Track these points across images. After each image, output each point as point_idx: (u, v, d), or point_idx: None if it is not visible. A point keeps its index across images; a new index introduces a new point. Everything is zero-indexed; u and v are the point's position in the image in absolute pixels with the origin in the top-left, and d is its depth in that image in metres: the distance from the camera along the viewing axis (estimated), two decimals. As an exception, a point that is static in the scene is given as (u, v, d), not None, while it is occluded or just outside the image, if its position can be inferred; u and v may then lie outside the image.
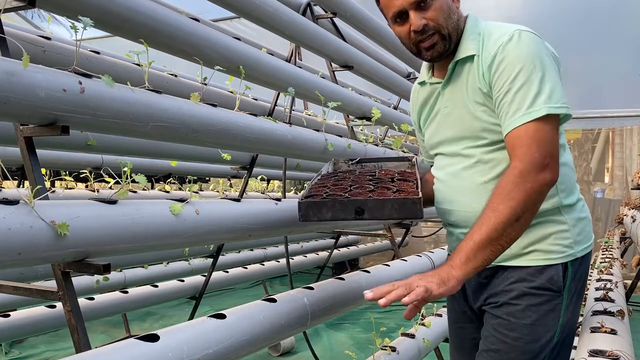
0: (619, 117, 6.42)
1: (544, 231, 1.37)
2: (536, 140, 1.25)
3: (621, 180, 7.41)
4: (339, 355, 4.05)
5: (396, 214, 1.36)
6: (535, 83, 1.26)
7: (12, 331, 2.73)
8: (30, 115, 1.36)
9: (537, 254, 1.37)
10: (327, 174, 1.89)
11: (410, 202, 1.36)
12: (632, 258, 4.83)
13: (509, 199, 1.22)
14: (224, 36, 2.35)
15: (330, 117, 3.65)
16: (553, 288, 1.35)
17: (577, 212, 1.42)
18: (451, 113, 1.45)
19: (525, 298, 1.36)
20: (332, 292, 2.06)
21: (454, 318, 1.65)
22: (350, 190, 1.52)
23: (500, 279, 1.41)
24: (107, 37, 5.54)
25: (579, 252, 1.40)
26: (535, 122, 1.25)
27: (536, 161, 1.24)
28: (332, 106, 2.73)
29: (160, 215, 1.49)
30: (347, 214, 1.39)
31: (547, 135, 1.26)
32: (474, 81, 1.37)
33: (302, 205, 1.44)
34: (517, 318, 1.36)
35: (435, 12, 1.35)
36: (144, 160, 3.91)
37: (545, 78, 1.27)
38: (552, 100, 1.25)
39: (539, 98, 1.25)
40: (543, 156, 1.24)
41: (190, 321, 1.50)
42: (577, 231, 1.40)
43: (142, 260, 3.74)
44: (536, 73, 1.27)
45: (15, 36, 1.77)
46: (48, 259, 1.25)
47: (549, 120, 1.26)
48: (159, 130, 1.72)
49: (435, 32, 1.37)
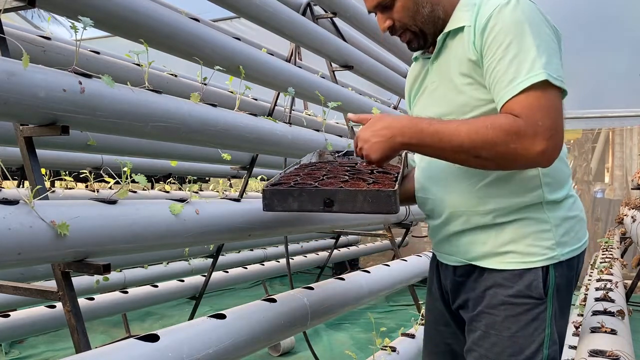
0: (619, 117, 6.42)
1: (522, 230, 1.24)
2: (539, 108, 1.10)
3: (621, 180, 7.42)
4: (339, 355, 4.05)
5: (368, 207, 1.26)
6: (532, 49, 1.12)
7: (12, 331, 2.73)
8: (30, 115, 1.36)
9: (513, 256, 1.24)
10: (306, 164, 1.78)
11: (384, 194, 1.25)
12: (632, 258, 4.83)
13: (487, 141, 1.10)
14: (224, 36, 2.35)
15: (330, 117, 3.65)
16: (533, 295, 1.22)
17: (564, 210, 1.27)
18: (437, 89, 1.34)
19: (502, 308, 1.24)
20: (332, 292, 2.06)
21: (433, 319, 1.53)
22: (321, 180, 1.41)
23: (475, 281, 1.30)
24: (107, 37, 5.53)
25: (563, 255, 1.24)
26: (536, 89, 1.11)
27: (539, 130, 1.08)
28: (332, 106, 2.73)
29: (160, 215, 1.49)
30: (314, 205, 1.30)
31: (552, 103, 1.11)
32: (463, 51, 1.24)
33: (266, 192, 1.34)
34: (497, 330, 1.25)
35: (398, 13, 1.29)
36: (144, 160, 3.91)
37: (543, 45, 1.14)
38: (551, 68, 1.12)
39: (537, 63, 1.11)
40: (547, 127, 1.09)
41: (190, 321, 1.50)
42: (562, 232, 1.25)
43: (142, 260, 3.74)
44: (532, 39, 1.13)
45: (15, 36, 1.77)
46: (48, 259, 1.25)
47: (551, 89, 1.11)
48: (159, 130, 1.72)
49: (404, 30, 1.32)
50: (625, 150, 7.44)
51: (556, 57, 1.15)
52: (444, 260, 1.40)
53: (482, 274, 1.28)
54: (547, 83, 1.11)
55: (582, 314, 2.75)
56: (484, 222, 1.26)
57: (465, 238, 1.30)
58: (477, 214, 1.27)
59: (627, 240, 5.96)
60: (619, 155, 7.46)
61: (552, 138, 1.09)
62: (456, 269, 1.35)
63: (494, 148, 1.10)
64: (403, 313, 5.36)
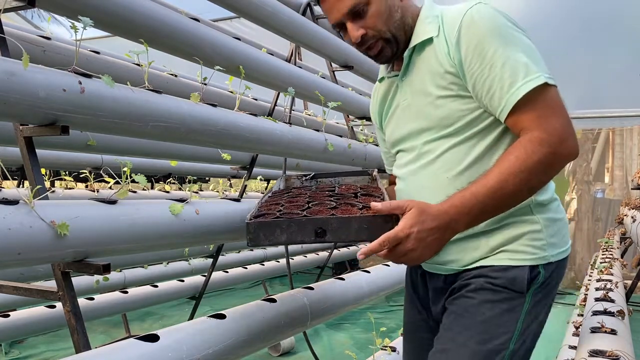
0: (619, 117, 6.41)
1: (515, 231, 1.23)
2: (551, 108, 1.12)
3: (621, 180, 7.41)
4: (339, 355, 4.05)
5: (365, 234, 1.17)
6: (520, 53, 1.13)
7: (12, 331, 2.73)
8: (30, 115, 1.36)
9: (504, 254, 1.23)
10: (278, 191, 1.70)
11: (381, 219, 1.16)
12: (632, 258, 4.83)
13: (531, 173, 1.11)
14: (224, 36, 2.35)
15: (330, 117, 3.65)
16: (514, 289, 1.21)
17: (552, 212, 1.27)
18: (411, 104, 1.30)
19: (481, 292, 1.22)
20: (332, 292, 2.06)
21: (411, 327, 1.49)
22: (308, 208, 1.33)
23: (464, 277, 1.28)
24: (107, 37, 5.54)
25: (553, 256, 1.24)
26: (536, 95, 1.11)
27: (558, 132, 1.11)
28: (332, 106, 2.73)
29: (160, 215, 1.49)
30: (305, 235, 1.20)
31: (557, 102, 1.13)
32: (438, 63, 1.22)
33: (250, 226, 1.23)
34: (470, 313, 1.22)
35: (372, 19, 1.24)
36: (144, 160, 3.91)
37: (527, 50, 1.15)
38: (544, 69, 1.13)
39: (530, 67, 1.12)
40: (563, 126, 1.11)
41: (190, 321, 1.50)
42: (551, 232, 1.25)
43: (142, 260, 3.74)
44: (516, 43, 1.14)
45: (15, 36, 1.77)
46: (48, 259, 1.25)
47: (549, 88, 1.13)
48: (159, 130, 1.72)
49: (378, 39, 1.26)
50: (625, 150, 7.44)
51: (539, 56, 1.16)
52: (433, 270, 1.35)
53: (470, 271, 1.27)
54: (546, 85, 1.12)
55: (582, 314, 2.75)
56: (474, 230, 1.22)
57: (455, 247, 1.26)
58: None
59: (627, 240, 5.96)
60: (619, 155, 7.45)
61: (571, 134, 1.12)
62: (447, 276, 1.31)
63: (546, 176, 1.14)
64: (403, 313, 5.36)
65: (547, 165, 1.11)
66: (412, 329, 1.49)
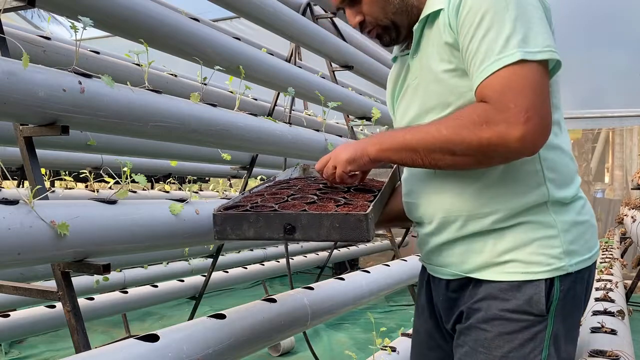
0: (619, 117, 6.42)
1: (525, 236, 1.08)
2: (511, 88, 0.97)
3: (621, 180, 7.42)
4: (339, 355, 4.05)
5: (336, 233, 1.09)
6: (507, 24, 0.99)
7: (12, 331, 2.73)
8: (30, 115, 1.36)
9: (514, 265, 1.08)
10: (283, 180, 1.60)
11: (353, 218, 1.07)
12: (632, 258, 4.83)
13: (457, 134, 1.00)
14: (224, 36, 2.35)
15: (330, 117, 3.65)
16: (532, 311, 1.06)
17: (574, 213, 1.11)
18: (420, 84, 1.19)
19: (496, 323, 1.08)
20: (332, 292, 2.06)
21: (419, 341, 1.37)
22: (285, 201, 1.24)
23: (470, 294, 1.14)
24: (107, 37, 5.54)
25: (572, 266, 1.07)
26: (507, 69, 0.97)
27: (510, 111, 0.95)
28: (332, 106, 2.73)
29: (160, 215, 1.49)
30: (273, 231, 1.12)
31: (528, 81, 0.97)
32: (439, 35, 1.12)
33: (217, 218, 1.16)
34: (486, 348, 1.09)
35: (368, 6, 1.19)
36: (144, 160, 3.91)
37: (521, 18, 0.99)
38: (529, 44, 0.98)
39: (510, 41, 0.98)
40: (523, 108, 0.95)
41: (190, 321, 1.50)
42: (571, 238, 1.08)
43: (142, 260, 3.74)
44: (509, 12, 1.00)
45: (15, 36, 1.77)
46: (48, 259, 1.25)
47: (528, 67, 0.97)
48: (159, 130, 1.72)
49: (375, 25, 1.21)
50: (625, 150, 7.44)
51: (539, 25, 1.01)
52: (435, 273, 1.24)
53: (477, 286, 1.13)
54: (523, 61, 0.97)
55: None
56: (481, 227, 1.11)
57: (458, 247, 1.15)
58: (474, 218, 1.11)
59: (627, 240, 5.96)
60: (619, 155, 7.46)
61: (531, 120, 0.95)
62: (449, 283, 1.19)
63: (465, 141, 0.99)
64: (403, 313, 5.36)
65: (479, 140, 0.98)
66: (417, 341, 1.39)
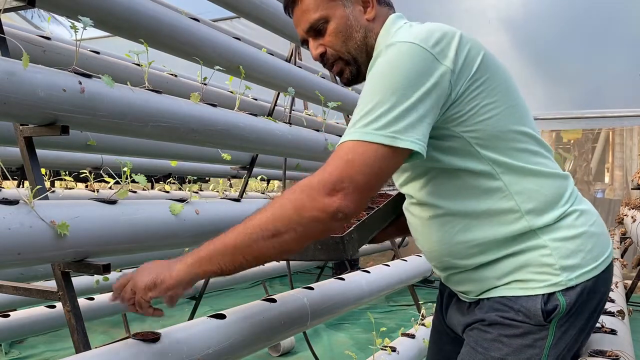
0: (619, 117, 6.42)
1: (519, 260, 1.11)
2: (338, 158, 0.98)
3: (621, 180, 7.42)
4: (339, 355, 4.05)
5: (321, 254, 1.14)
6: (370, 102, 1.00)
7: (12, 331, 2.73)
8: (30, 115, 1.36)
9: (514, 284, 1.12)
10: None
11: (332, 241, 1.12)
12: (632, 258, 4.83)
13: (278, 207, 1.00)
14: (224, 36, 2.35)
15: (330, 117, 3.65)
16: (530, 322, 1.09)
17: (564, 229, 1.11)
18: None
19: (497, 327, 1.12)
20: (332, 292, 2.06)
21: (435, 337, 1.46)
22: None
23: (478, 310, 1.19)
24: (107, 37, 5.53)
25: (573, 279, 1.09)
26: (350, 143, 0.99)
27: (325, 180, 0.97)
28: (332, 106, 2.73)
29: (160, 215, 1.49)
30: None
31: (359, 158, 0.97)
32: None
33: None
34: (484, 349, 1.12)
35: (330, 37, 1.19)
36: (144, 160, 3.91)
37: (387, 98, 0.98)
38: (376, 125, 0.97)
39: (362, 120, 0.99)
40: (337, 178, 0.96)
41: (190, 321, 1.50)
42: (566, 253, 1.10)
43: (142, 260, 3.72)
44: (378, 91, 1.00)
45: (15, 36, 1.77)
46: (48, 259, 1.25)
47: (367, 145, 0.98)
48: (159, 130, 1.72)
49: (337, 58, 1.21)
50: (625, 150, 7.44)
51: (400, 109, 0.98)
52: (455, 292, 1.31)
53: (484, 304, 1.18)
54: (354, 141, 0.99)
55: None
56: (479, 262, 1.15)
57: (465, 277, 1.20)
58: (465, 260, 1.16)
59: (627, 240, 5.96)
60: (619, 155, 7.46)
61: (339, 192, 0.96)
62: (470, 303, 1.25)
63: (288, 223, 0.98)
64: (403, 313, 5.36)
65: (291, 205, 0.99)
66: (435, 338, 1.47)
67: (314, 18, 1.19)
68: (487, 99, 1.07)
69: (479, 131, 1.08)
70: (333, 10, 1.18)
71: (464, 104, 1.06)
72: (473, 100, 1.06)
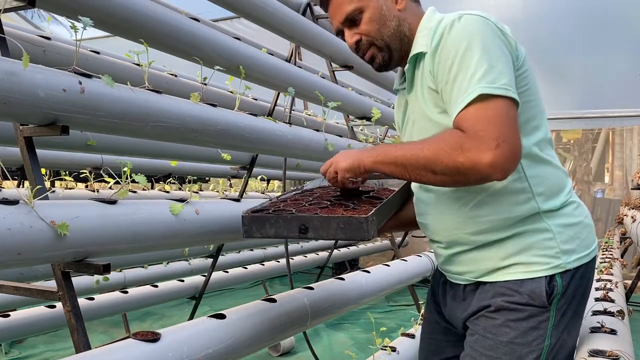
0: (619, 117, 6.42)
1: (524, 241, 1.21)
2: (482, 119, 1.07)
3: (621, 180, 7.41)
4: (339, 355, 4.05)
5: (342, 233, 1.26)
6: (472, 65, 1.10)
7: (12, 331, 2.73)
8: (30, 115, 1.36)
9: (517, 267, 1.21)
10: (309, 189, 1.76)
11: (356, 221, 1.24)
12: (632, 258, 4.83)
13: (436, 155, 1.10)
14: (224, 36, 2.35)
15: (330, 117, 3.65)
16: (535, 303, 1.19)
17: (565, 217, 1.23)
18: (416, 121, 1.33)
19: (503, 312, 1.21)
20: (332, 292, 2.06)
21: (428, 329, 1.53)
22: (303, 206, 1.42)
23: (480, 295, 1.27)
24: (107, 37, 5.53)
25: (570, 263, 1.20)
26: (476, 103, 1.08)
27: (483, 140, 1.05)
28: (332, 106, 2.73)
29: (160, 215, 1.49)
30: (290, 231, 1.31)
31: (497, 112, 1.07)
32: (425, 80, 1.24)
33: (244, 219, 1.35)
34: (494, 334, 1.21)
35: (366, 25, 1.28)
36: (144, 160, 3.91)
37: (485, 57, 1.10)
38: (487, 79, 1.08)
39: (473, 79, 1.09)
40: (492, 136, 1.05)
41: (190, 321, 1.50)
42: (566, 238, 1.21)
43: (142, 260, 3.74)
44: (474, 54, 1.10)
45: (15, 36, 1.77)
46: (48, 259, 1.25)
47: (495, 99, 1.08)
48: (159, 130, 1.72)
49: (370, 45, 1.31)
50: (625, 150, 7.43)
51: (500, 63, 1.11)
52: (452, 279, 1.37)
53: (487, 288, 1.26)
54: (486, 96, 1.08)
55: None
56: (484, 241, 1.24)
57: (467, 258, 1.28)
58: (474, 235, 1.25)
59: (627, 240, 5.96)
60: (619, 155, 7.45)
61: (500, 147, 1.05)
62: (466, 286, 1.32)
63: (443, 162, 1.09)
64: (403, 313, 5.36)
65: (454, 163, 1.08)
66: (428, 330, 1.53)
67: (350, 9, 1.28)
68: (525, 86, 1.19)
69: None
70: (367, 2, 1.28)
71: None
72: (517, 83, 1.16)
